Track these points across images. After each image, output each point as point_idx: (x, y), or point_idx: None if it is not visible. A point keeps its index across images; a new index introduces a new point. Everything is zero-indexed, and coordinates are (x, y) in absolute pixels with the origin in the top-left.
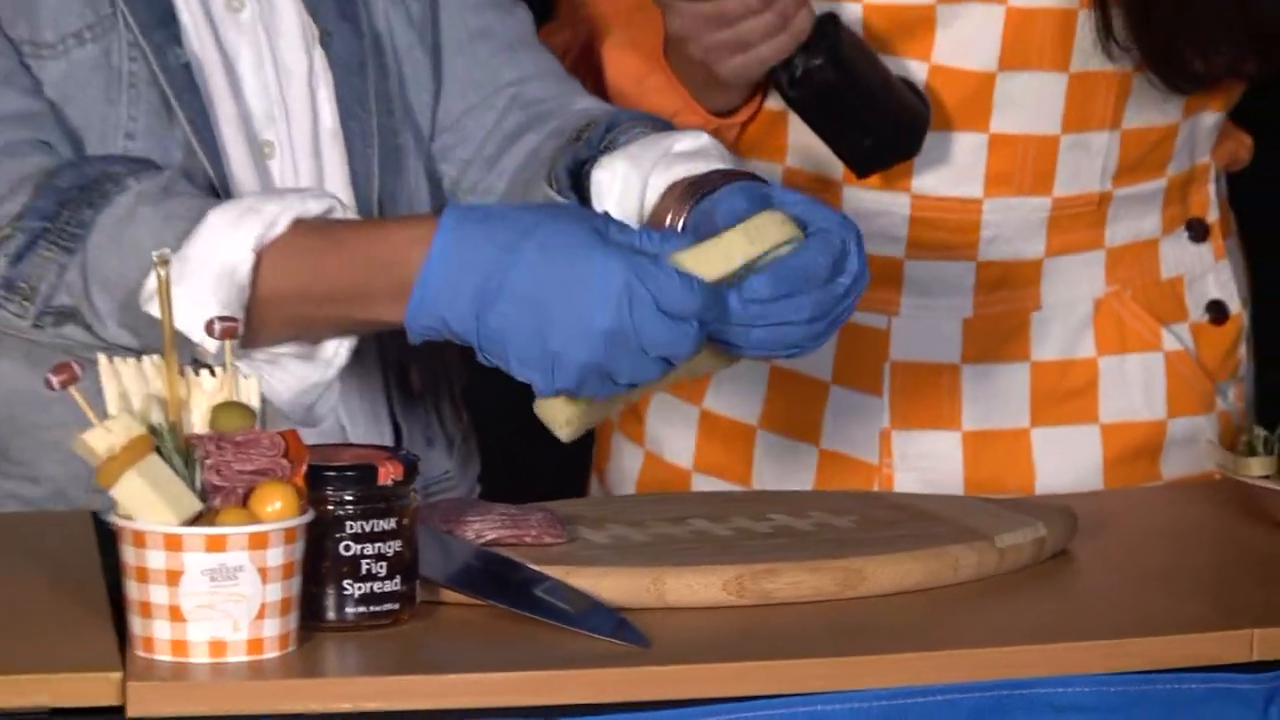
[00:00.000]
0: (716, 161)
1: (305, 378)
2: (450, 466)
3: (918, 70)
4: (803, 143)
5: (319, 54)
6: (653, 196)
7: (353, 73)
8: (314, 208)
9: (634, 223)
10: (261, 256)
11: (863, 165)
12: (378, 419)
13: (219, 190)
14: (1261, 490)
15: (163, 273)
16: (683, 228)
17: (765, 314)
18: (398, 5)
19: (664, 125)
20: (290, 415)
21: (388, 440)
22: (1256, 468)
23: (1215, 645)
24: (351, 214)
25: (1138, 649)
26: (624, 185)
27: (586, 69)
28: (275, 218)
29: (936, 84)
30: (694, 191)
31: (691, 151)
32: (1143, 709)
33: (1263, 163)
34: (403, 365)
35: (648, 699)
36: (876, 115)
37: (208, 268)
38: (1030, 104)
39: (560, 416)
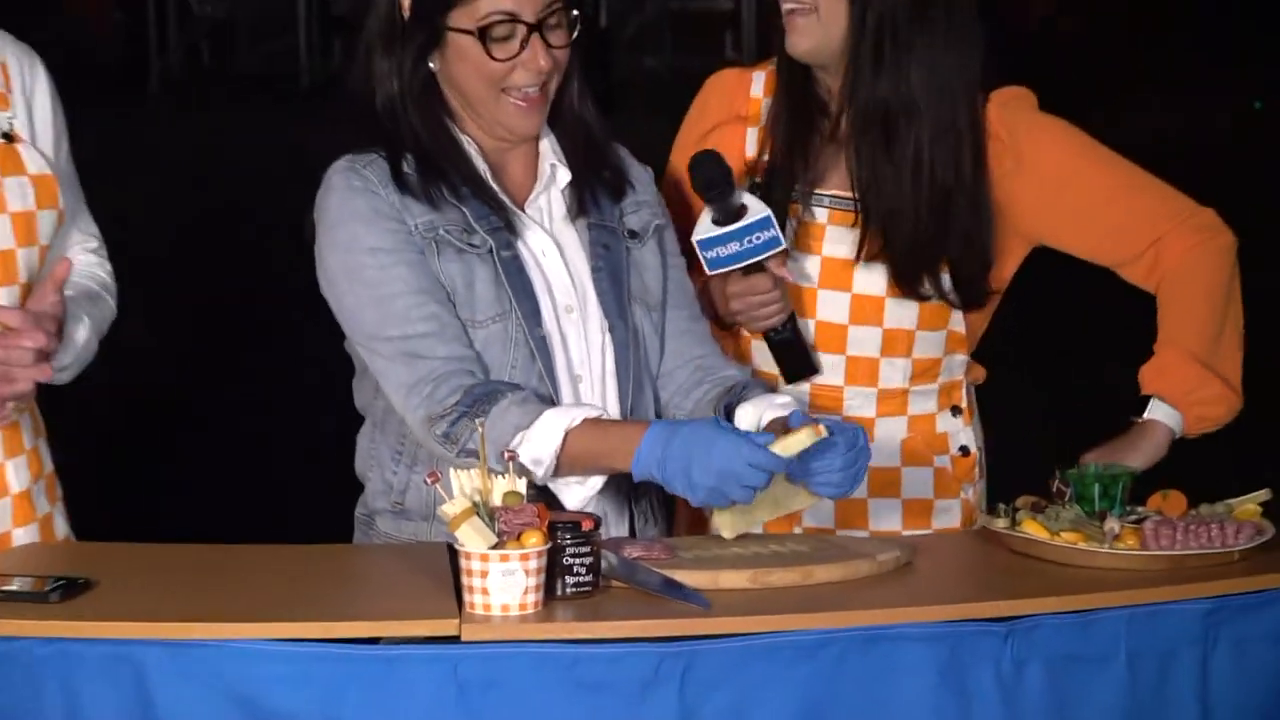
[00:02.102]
0: (795, 408)
1: (578, 494)
2: (655, 532)
3: (809, 324)
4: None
5: (607, 336)
6: (763, 423)
7: (623, 347)
8: (593, 413)
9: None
10: (567, 435)
11: (791, 378)
12: (621, 506)
13: (552, 398)
14: (1002, 535)
15: (481, 431)
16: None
17: (811, 469)
18: (647, 315)
19: (771, 389)
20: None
21: (626, 516)
22: (999, 524)
23: (990, 608)
24: (614, 416)
25: (944, 610)
26: (750, 419)
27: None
28: (576, 417)
29: (820, 330)
30: (778, 421)
31: (783, 403)
32: (937, 642)
33: (991, 379)
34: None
35: (709, 633)
36: (804, 359)
37: (540, 437)
38: (865, 341)
39: (724, 525)
